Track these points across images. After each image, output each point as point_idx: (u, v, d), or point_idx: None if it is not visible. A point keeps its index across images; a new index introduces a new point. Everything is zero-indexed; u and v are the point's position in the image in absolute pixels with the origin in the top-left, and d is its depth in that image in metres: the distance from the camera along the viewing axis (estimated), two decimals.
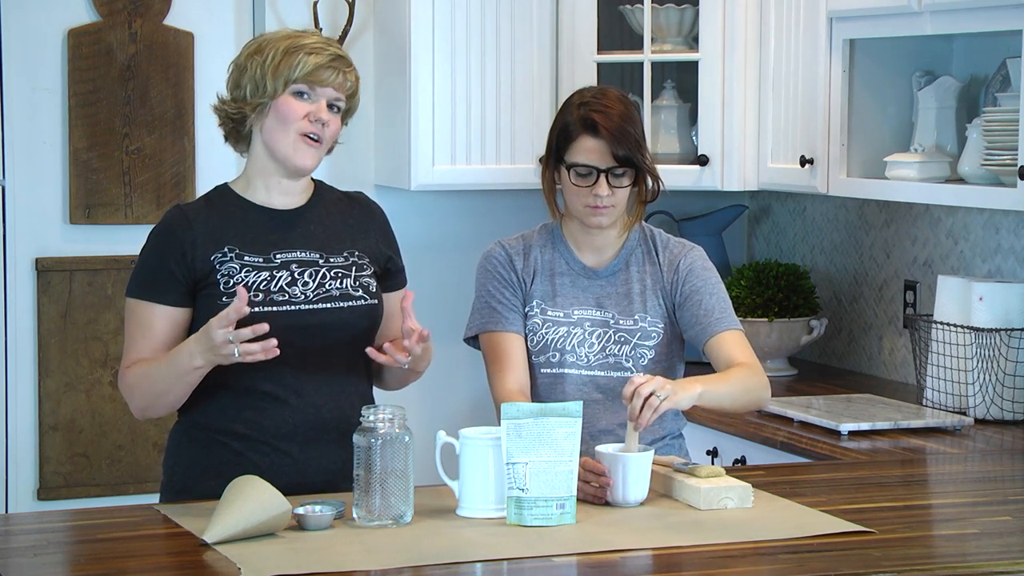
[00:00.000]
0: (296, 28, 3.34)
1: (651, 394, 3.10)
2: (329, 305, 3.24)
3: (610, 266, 3.48)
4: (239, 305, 3.05)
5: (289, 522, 2.89)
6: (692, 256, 3.49)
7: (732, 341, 3.41)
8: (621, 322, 3.44)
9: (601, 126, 3.34)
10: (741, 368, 3.36)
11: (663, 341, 3.45)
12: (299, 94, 3.23)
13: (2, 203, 4.98)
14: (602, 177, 3.36)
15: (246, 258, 3.23)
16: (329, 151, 3.31)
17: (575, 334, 3.44)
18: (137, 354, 3.23)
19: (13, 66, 4.98)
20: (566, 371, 3.43)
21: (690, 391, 3.20)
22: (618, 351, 3.43)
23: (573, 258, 3.48)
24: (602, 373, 3.43)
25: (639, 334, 3.44)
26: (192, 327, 3.23)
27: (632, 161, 3.35)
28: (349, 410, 3.23)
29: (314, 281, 3.24)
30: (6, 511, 4.90)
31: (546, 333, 3.44)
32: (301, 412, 3.22)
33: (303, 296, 3.22)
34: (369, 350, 3.20)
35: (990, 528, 3.06)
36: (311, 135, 3.23)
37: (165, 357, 3.19)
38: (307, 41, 3.24)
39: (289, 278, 3.23)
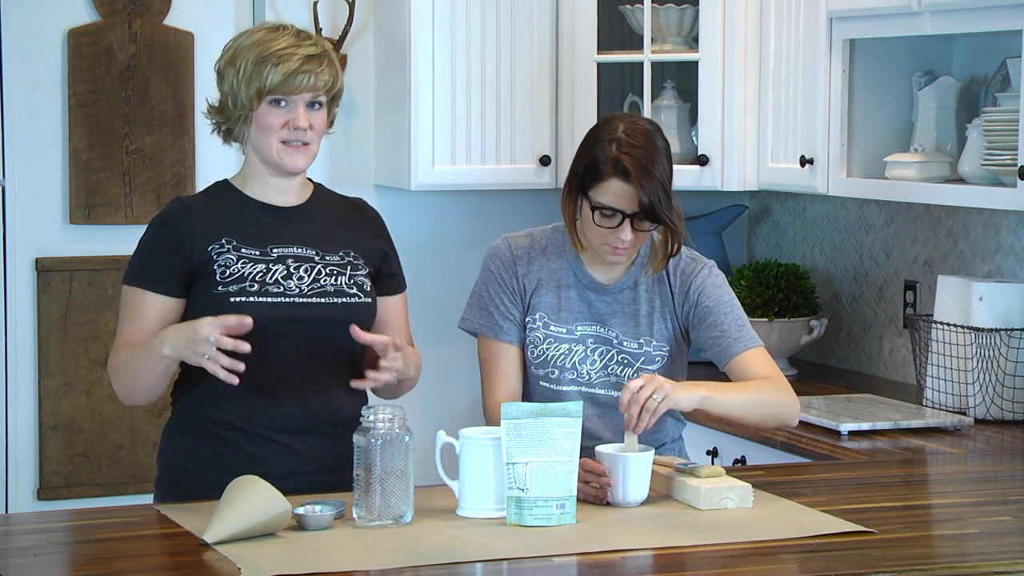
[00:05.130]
0: (274, 24, 3.31)
1: (648, 397, 3.09)
2: (323, 300, 3.25)
3: (619, 283, 3.42)
4: (243, 322, 3.07)
5: (289, 522, 2.89)
6: (703, 275, 3.42)
7: (754, 360, 3.36)
8: (626, 344, 3.40)
9: (632, 171, 3.24)
10: (761, 381, 3.32)
11: (666, 363, 3.42)
12: (275, 102, 3.24)
13: (2, 203, 4.98)
14: (627, 221, 3.28)
15: (243, 250, 3.25)
16: (329, 128, 3.35)
17: (576, 351, 3.40)
18: (126, 339, 3.26)
19: (13, 66, 4.98)
20: (564, 388, 3.40)
21: (691, 393, 3.17)
22: (620, 372, 3.39)
23: (582, 271, 3.43)
24: (603, 391, 3.39)
25: (643, 358, 3.40)
26: (184, 318, 3.25)
27: (658, 215, 3.25)
28: (341, 403, 3.25)
29: (309, 276, 3.26)
30: (6, 511, 4.90)
31: (547, 348, 3.41)
32: (291, 404, 3.23)
33: (297, 289, 3.24)
34: (360, 382, 3.22)
35: (990, 528, 3.06)
36: (294, 141, 3.25)
37: (144, 342, 3.22)
38: (277, 46, 3.22)
39: (285, 271, 3.24)
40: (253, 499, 2.85)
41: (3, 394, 5.00)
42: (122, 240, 5.06)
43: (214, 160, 5.06)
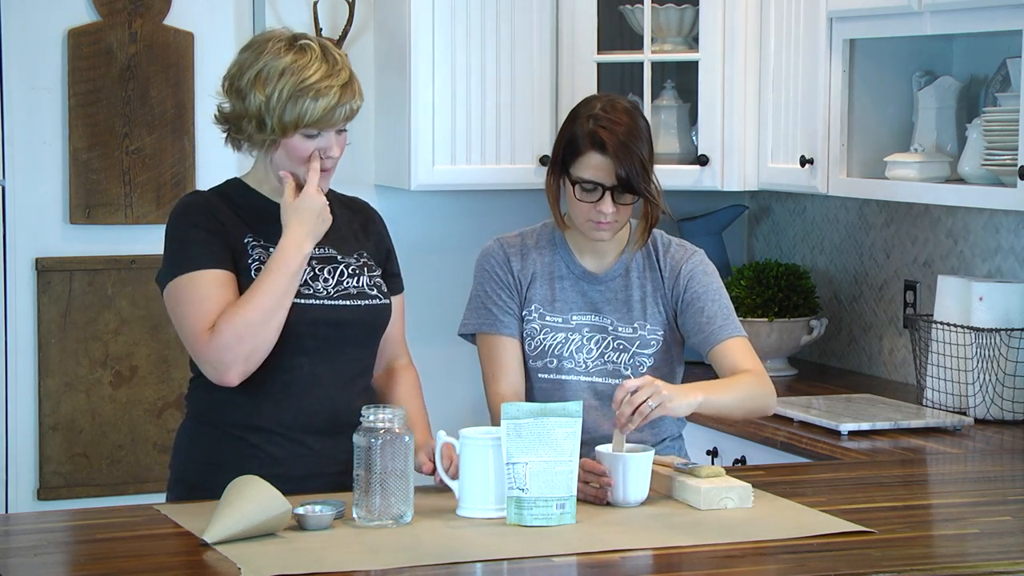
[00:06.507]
0: (291, 37, 3.25)
1: (643, 401, 3.10)
2: (348, 302, 3.26)
3: (611, 271, 3.46)
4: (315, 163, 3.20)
5: (289, 522, 2.89)
6: (693, 261, 3.46)
7: (736, 349, 3.39)
8: (620, 329, 3.43)
9: (608, 144, 3.29)
10: (746, 375, 3.35)
11: (662, 348, 3.44)
12: (310, 133, 3.20)
13: (2, 203, 4.98)
14: (607, 194, 3.32)
15: (271, 250, 3.22)
16: None
17: (573, 340, 3.42)
18: (217, 309, 3.14)
19: (13, 66, 4.98)
20: (564, 377, 3.42)
21: (689, 398, 3.18)
22: (616, 358, 3.42)
23: (574, 261, 3.46)
24: (600, 380, 3.42)
25: (638, 342, 3.42)
26: None
27: (635, 187, 3.31)
28: (363, 404, 3.24)
29: (333, 278, 3.26)
30: (6, 511, 4.90)
31: (544, 339, 3.43)
32: (316, 403, 3.24)
33: (324, 291, 3.25)
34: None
35: (990, 528, 3.06)
36: (325, 166, 3.23)
37: (258, 282, 3.13)
38: (312, 77, 3.16)
39: (311, 273, 3.25)
40: (253, 499, 2.85)
41: (3, 394, 5.00)
42: (122, 240, 5.07)
43: (214, 160, 5.06)
